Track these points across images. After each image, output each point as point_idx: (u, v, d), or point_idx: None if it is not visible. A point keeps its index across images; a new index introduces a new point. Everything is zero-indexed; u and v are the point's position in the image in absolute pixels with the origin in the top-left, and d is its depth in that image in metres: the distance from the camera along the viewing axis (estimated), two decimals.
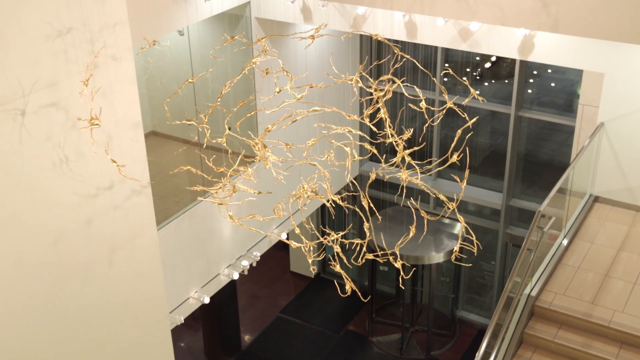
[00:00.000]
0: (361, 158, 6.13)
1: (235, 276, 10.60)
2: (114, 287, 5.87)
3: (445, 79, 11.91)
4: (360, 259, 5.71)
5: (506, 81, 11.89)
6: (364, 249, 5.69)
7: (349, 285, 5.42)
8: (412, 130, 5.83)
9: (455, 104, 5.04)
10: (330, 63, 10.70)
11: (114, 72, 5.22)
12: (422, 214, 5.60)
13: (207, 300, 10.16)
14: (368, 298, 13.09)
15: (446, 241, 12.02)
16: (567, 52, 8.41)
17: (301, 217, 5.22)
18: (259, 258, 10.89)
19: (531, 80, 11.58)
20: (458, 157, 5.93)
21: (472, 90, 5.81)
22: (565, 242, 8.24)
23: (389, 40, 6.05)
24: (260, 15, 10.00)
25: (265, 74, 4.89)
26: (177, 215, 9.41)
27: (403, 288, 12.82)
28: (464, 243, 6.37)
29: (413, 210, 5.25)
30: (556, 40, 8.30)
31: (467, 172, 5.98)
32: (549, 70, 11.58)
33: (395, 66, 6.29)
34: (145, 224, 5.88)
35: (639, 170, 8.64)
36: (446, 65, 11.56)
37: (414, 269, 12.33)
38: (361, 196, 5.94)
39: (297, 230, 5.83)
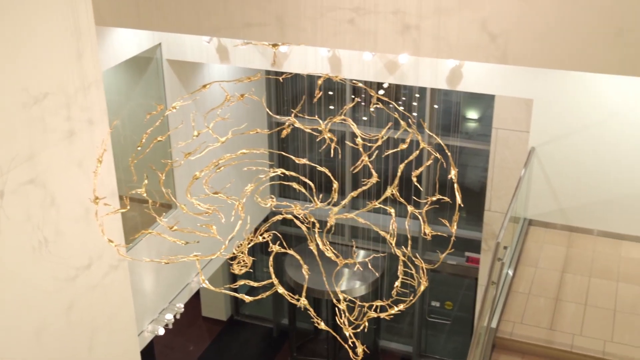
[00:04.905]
0: (329, 206, 5.89)
1: (161, 332, 9.97)
2: None
3: (331, 107, 11.77)
4: (364, 318, 5.43)
5: (378, 106, 11.78)
6: (371, 308, 5.42)
7: (360, 349, 5.13)
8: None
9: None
10: (266, 103, 10.33)
11: (90, 138, 4.65)
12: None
13: None
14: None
15: (360, 271, 11.77)
16: (495, 80, 8.50)
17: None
18: (182, 309, 10.32)
19: (415, 103, 11.63)
20: (392, 189, 5.86)
21: (412, 129, 5.68)
22: (510, 272, 8.27)
23: (354, 81, 5.88)
24: (172, 57, 9.50)
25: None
26: None
27: (367, 330, 12.39)
28: (405, 277, 6.26)
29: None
30: (484, 69, 8.37)
31: (456, 215, 5.85)
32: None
33: (346, 107, 6.09)
34: (123, 301, 5.30)
35: (570, 192, 8.84)
36: (399, 102, 11.41)
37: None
38: (318, 242, 5.69)
39: (276, 282, 5.49)
